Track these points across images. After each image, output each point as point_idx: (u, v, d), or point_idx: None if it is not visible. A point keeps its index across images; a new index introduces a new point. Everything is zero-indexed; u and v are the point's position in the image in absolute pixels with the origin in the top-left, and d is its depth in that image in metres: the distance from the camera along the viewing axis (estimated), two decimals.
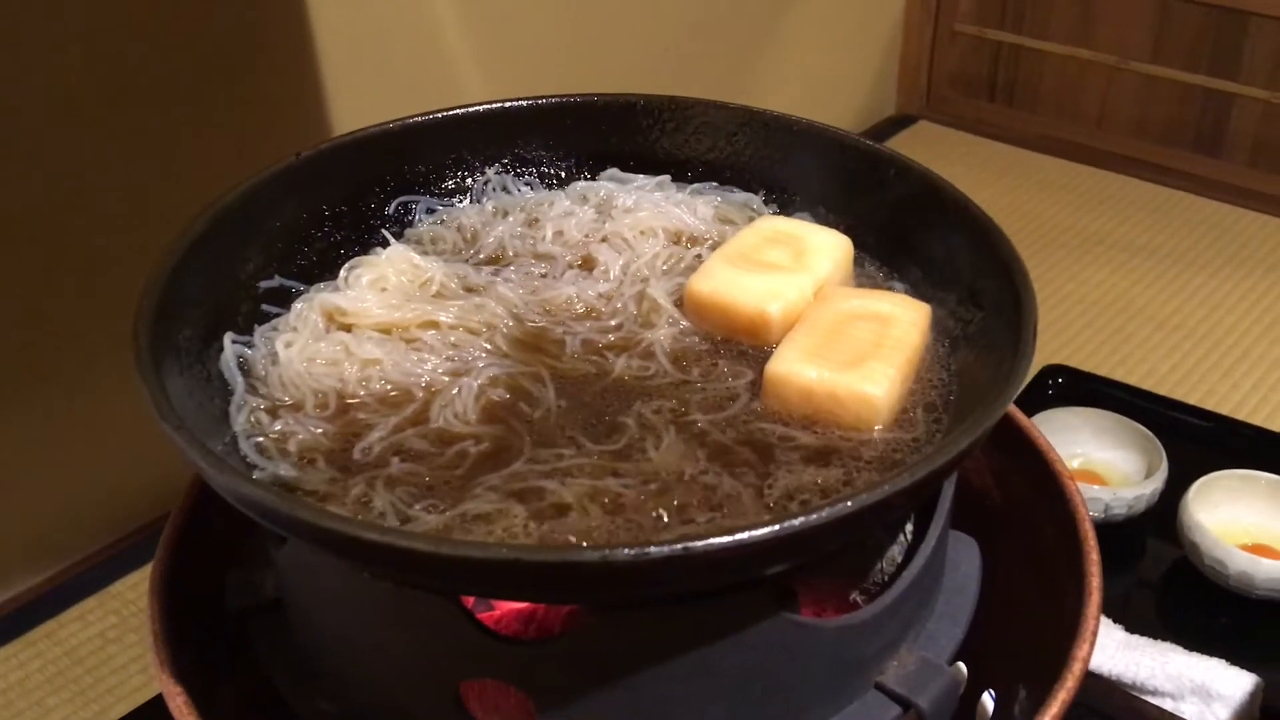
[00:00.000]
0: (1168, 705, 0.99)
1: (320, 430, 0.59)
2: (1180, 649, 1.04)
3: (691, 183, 0.76)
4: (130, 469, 1.22)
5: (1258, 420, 1.44)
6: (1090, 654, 0.57)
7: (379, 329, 0.64)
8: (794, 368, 0.58)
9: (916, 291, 0.67)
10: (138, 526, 1.27)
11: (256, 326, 0.65)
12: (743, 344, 0.64)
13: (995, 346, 0.58)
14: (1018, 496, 0.71)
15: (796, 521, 0.45)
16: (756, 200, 0.75)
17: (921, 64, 2.24)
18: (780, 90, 1.95)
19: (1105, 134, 2.11)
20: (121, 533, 1.26)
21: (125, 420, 1.17)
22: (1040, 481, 0.68)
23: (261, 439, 0.58)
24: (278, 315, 0.66)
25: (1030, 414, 1.27)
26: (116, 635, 1.16)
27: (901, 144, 2.18)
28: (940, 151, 2.14)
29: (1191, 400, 1.46)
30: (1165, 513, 1.20)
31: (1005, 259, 0.59)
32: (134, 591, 1.21)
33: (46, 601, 1.19)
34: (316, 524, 0.45)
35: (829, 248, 0.68)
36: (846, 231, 0.70)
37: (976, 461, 0.73)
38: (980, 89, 2.22)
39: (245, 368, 0.62)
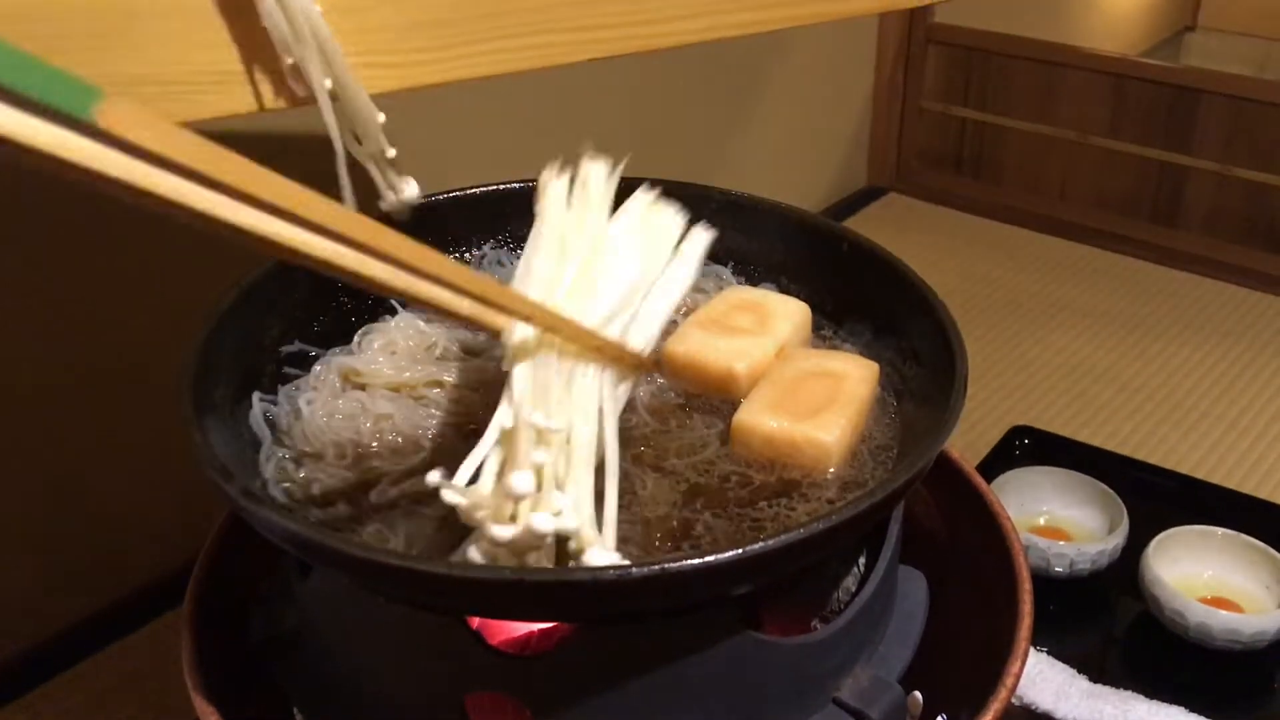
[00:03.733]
0: None
1: (340, 477, 0.66)
2: (1142, 698, 1.07)
3: None
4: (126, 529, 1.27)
5: (1215, 478, 1.48)
6: (1022, 670, 0.65)
7: (390, 388, 0.71)
8: (758, 418, 0.66)
9: (867, 351, 0.75)
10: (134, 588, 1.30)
11: (280, 387, 0.72)
12: (712, 399, 0.71)
13: (932, 398, 0.65)
14: (963, 537, 0.78)
15: (757, 546, 0.52)
16: (726, 271, 0.83)
17: (890, 139, 2.31)
18: (755, 164, 2.01)
19: (1068, 205, 2.18)
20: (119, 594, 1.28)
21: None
22: (983, 523, 0.76)
23: (289, 484, 0.65)
24: (299, 376, 0.73)
25: (998, 473, 1.34)
26: (114, 699, 1.18)
27: (873, 215, 2.24)
28: (910, 222, 2.21)
29: (1152, 460, 1.50)
30: (1127, 567, 1.23)
31: (940, 321, 0.67)
32: (131, 652, 1.23)
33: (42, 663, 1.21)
34: (348, 552, 0.53)
35: (789, 313, 0.75)
36: (805, 298, 0.77)
37: (926, 505, 0.80)
38: (947, 163, 2.29)
39: (271, 423, 0.69)
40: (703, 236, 0.66)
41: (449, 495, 0.51)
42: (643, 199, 0.65)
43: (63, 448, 1.17)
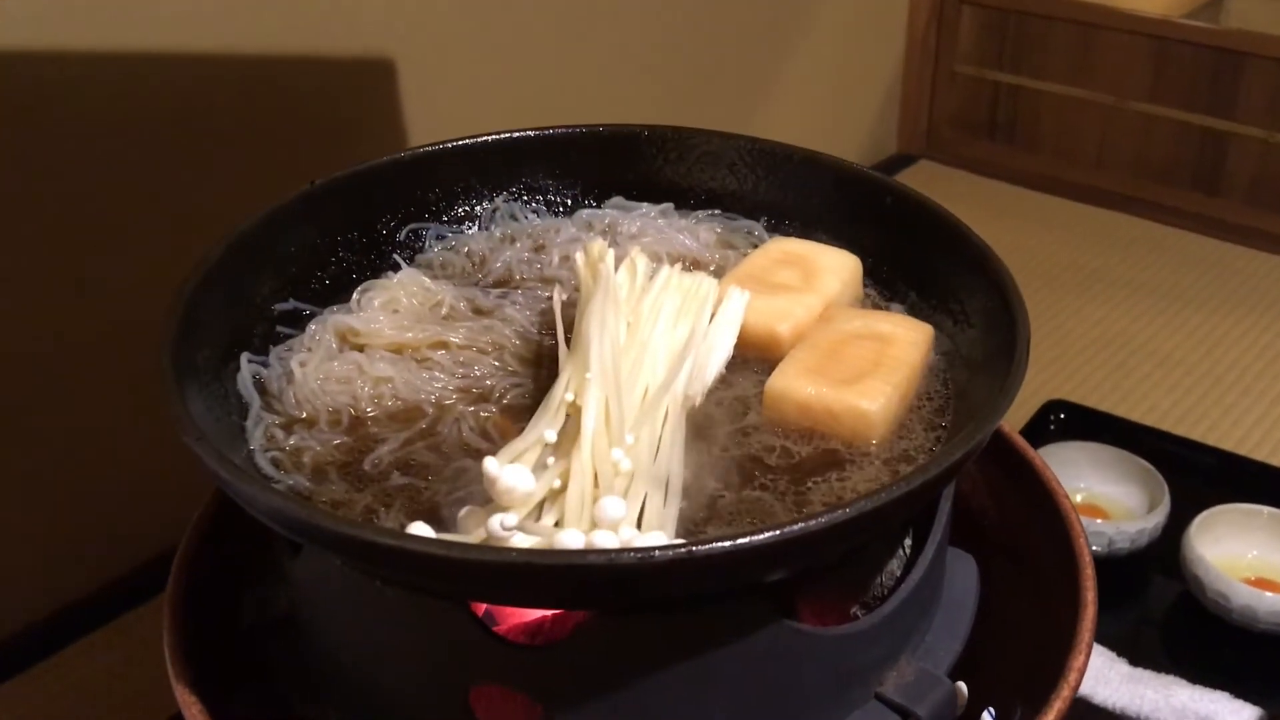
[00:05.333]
0: None
1: (333, 445, 0.60)
2: (1184, 682, 1.04)
3: (694, 210, 0.78)
4: (126, 506, 1.24)
5: (1259, 455, 1.44)
6: (1086, 664, 0.59)
7: (391, 349, 0.65)
8: (793, 383, 0.60)
9: (914, 313, 0.69)
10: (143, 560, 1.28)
11: (272, 347, 0.66)
12: (754, 361, 0.66)
13: (989, 364, 0.59)
14: (1015, 516, 0.72)
15: (795, 528, 0.46)
16: (758, 227, 0.77)
17: (922, 104, 2.26)
18: (782, 130, 1.96)
19: (1105, 172, 2.12)
20: (122, 570, 1.27)
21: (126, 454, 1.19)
22: (1037, 500, 0.70)
23: (277, 453, 0.60)
24: (292, 336, 0.67)
25: (1034, 448, 1.29)
26: (122, 670, 1.16)
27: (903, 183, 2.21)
28: (941, 190, 2.13)
29: (1193, 435, 1.46)
30: (1168, 547, 1.20)
31: (998, 279, 0.61)
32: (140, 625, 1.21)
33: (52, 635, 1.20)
34: (335, 530, 0.47)
35: (838, 268, 0.70)
36: None
37: (975, 482, 0.74)
38: (980, 129, 2.24)
39: (261, 386, 0.64)
40: (741, 298, 0.67)
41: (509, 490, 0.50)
42: (675, 271, 0.68)
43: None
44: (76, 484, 1.18)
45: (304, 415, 0.62)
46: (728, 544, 0.46)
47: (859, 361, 0.61)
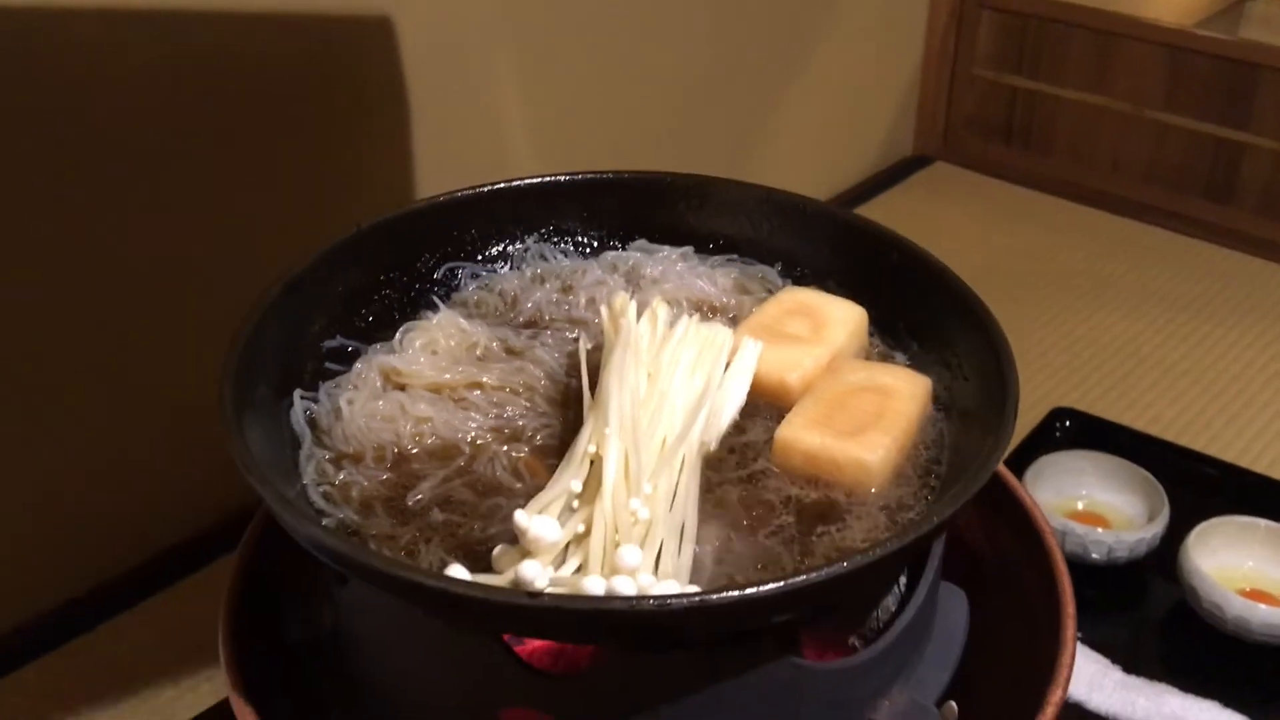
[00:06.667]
0: None
1: (378, 480, 0.65)
2: (1177, 691, 1.06)
3: (713, 254, 0.82)
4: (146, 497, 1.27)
5: (1260, 468, 1.45)
6: (1063, 698, 0.64)
7: (430, 389, 0.70)
8: (799, 434, 0.65)
9: (915, 363, 0.73)
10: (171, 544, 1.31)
11: (321, 383, 0.71)
12: (764, 408, 0.70)
13: (981, 417, 0.64)
14: (1004, 550, 0.76)
15: (799, 579, 0.52)
16: (772, 272, 0.82)
17: (939, 106, 2.27)
18: (800, 131, 1.98)
19: (1119, 179, 2.13)
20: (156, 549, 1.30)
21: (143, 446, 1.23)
22: (1025, 536, 0.74)
23: (327, 488, 0.65)
24: (340, 373, 0.72)
25: (1038, 456, 1.33)
26: (152, 650, 1.19)
27: (919, 185, 2.21)
28: (956, 193, 2.17)
29: (1196, 446, 1.47)
30: (1166, 556, 1.21)
31: (991, 339, 0.66)
32: (168, 606, 1.24)
33: (84, 614, 1.22)
34: (383, 570, 0.53)
35: (845, 319, 0.74)
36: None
37: (967, 518, 0.79)
38: (996, 132, 2.24)
39: (312, 421, 0.69)
40: (754, 348, 0.71)
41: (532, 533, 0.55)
42: (694, 322, 0.72)
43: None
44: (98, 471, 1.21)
45: (351, 451, 0.67)
46: (736, 594, 0.51)
47: (861, 414, 0.66)
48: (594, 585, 0.53)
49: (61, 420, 1.13)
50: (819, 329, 0.72)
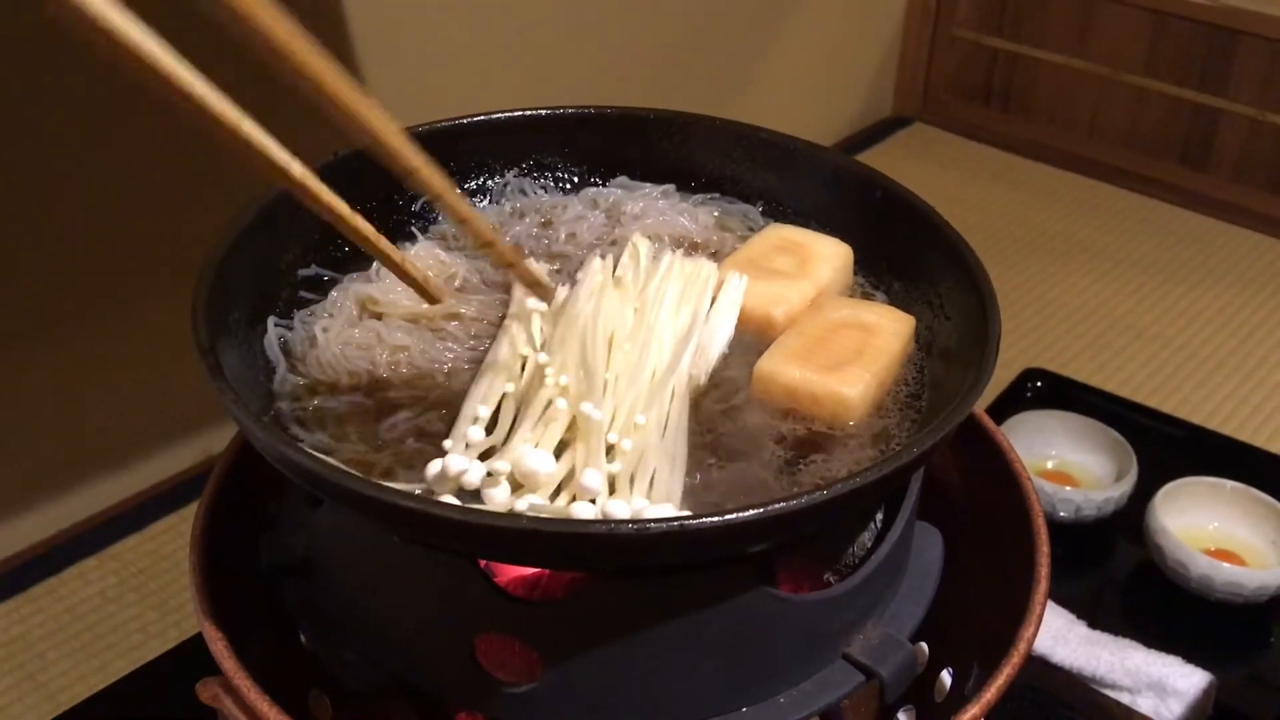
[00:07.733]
0: (1125, 699, 1.04)
1: (353, 408, 0.65)
2: (1140, 646, 1.08)
3: (695, 192, 0.82)
4: (131, 434, 1.27)
5: (1227, 430, 1.48)
6: (1035, 635, 0.64)
7: (408, 318, 0.70)
8: (780, 367, 0.65)
9: (896, 302, 0.73)
10: (139, 490, 1.32)
11: (295, 311, 0.70)
12: (750, 341, 0.70)
13: (961, 355, 0.64)
14: (981, 492, 0.77)
15: (778, 506, 0.51)
16: (754, 211, 0.81)
17: (919, 67, 2.27)
18: (778, 88, 1.98)
19: (1096, 143, 2.14)
20: (123, 495, 1.30)
21: (126, 383, 1.22)
22: (1002, 479, 0.75)
23: (302, 412, 0.64)
24: (315, 302, 0.71)
25: (1009, 415, 1.34)
26: (116, 594, 1.20)
27: (897, 145, 2.21)
28: (935, 154, 2.18)
29: (1165, 408, 1.50)
30: (1133, 515, 1.24)
31: (974, 278, 0.65)
32: (133, 553, 1.25)
33: (48, 559, 1.24)
34: (361, 491, 0.52)
35: (831, 256, 0.74)
36: None
37: (945, 459, 0.79)
38: (976, 94, 2.25)
39: (286, 349, 0.68)
40: (740, 283, 0.71)
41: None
42: (678, 257, 0.72)
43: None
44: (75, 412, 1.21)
45: (326, 378, 0.66)
46: (715, 519, 0.51)
47: (843, 349, 0.65)
48: (583, 510, 0.53)
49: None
50: (805, 265, 0.72)
